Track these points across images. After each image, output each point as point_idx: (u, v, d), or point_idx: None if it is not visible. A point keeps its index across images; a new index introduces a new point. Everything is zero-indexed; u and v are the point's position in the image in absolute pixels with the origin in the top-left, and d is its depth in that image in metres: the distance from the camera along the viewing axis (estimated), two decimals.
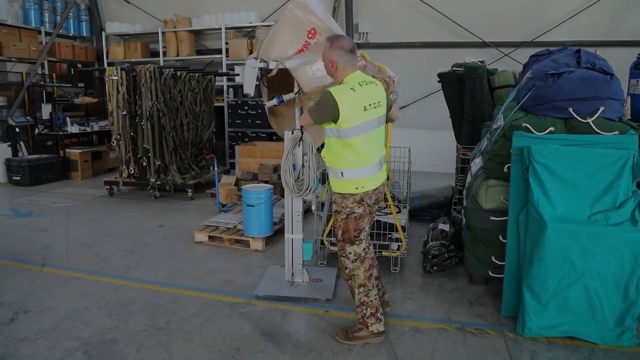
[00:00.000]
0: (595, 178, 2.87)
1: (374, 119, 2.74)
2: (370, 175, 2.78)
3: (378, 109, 2.76)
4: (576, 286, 2.83)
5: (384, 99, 2.84)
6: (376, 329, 2.89)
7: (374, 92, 2.76)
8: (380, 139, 2.84)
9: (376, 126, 2.77)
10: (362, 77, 2.76)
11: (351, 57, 2.73)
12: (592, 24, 7.97)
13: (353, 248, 2.86)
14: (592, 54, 3.42)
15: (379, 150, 2.84)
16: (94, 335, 3.02)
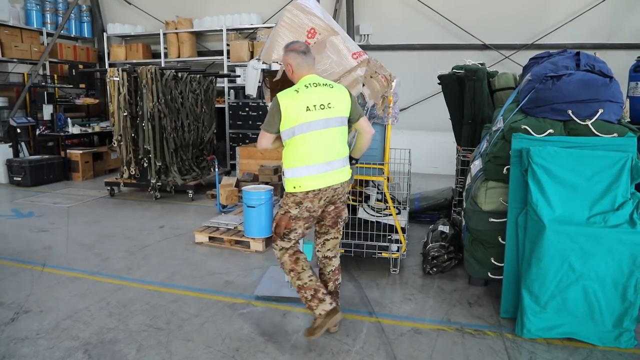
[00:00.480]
0: (594, 180, 2.88)
1: (320, 120, 2.76)
2: (310, 175, 2.77)
3: (327, 111, 2.77)
4: (575, 288, 2.84)
5: (340, 102, 2.82)
6: (322, 309, 2.84)
7: (324, 93, 2.79)
8: (333, 140, 2.82)
9: (322, 127, 2.77)
10: (313, 80, 2.83)
11: (304, 58, 2.83)
12: (593, 26, 7.99)
13: (281, 243, 2.93)
14: (592, 56, 3.43)
15: (331, 151, 2.81)
16: (94, 335, 3.03)
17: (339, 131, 2.86)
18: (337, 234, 3.08)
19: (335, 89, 2.86)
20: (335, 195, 2.91)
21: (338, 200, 2.95)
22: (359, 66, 3.34)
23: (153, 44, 10.31)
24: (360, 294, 3.64)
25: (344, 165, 2.90)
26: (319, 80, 2.84)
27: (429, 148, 8.50)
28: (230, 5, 9.58)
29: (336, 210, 2.99)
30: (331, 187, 2.84)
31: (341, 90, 2.88)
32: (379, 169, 4.06)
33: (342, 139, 2.89)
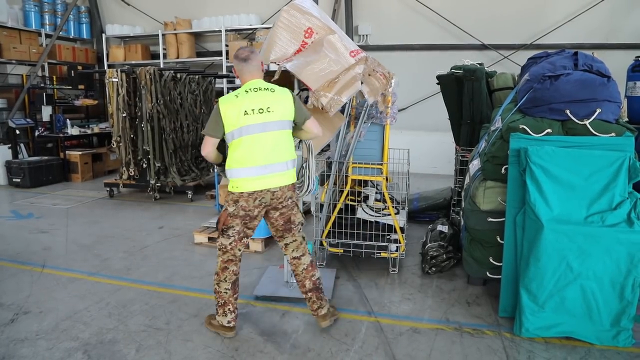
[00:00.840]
0: (592, 179, 2.89)
1: (258, 124, 2.81)
2: (247, 177, 2.83)
3: (265, 115, 2.82)
4: (573, 287, 2.85)
5: (280, 106, 2.86)
6: (220, 321, 3.02)
7: (263, 98, 2.84)
8: (273, 143, 2.85)
9: (260, 130, 2.81)
10: (255, 84, 2.88)
11: (244, 65, 2.89)
12: (591, 26, 8.01)
13: (222, 239, 2.99)
14: (590, 56, 3.44)
15: (270, 154, 2.85)
16: (93, 336, 3.04)
17: (280, 135, 2.88)
18: (295, 237, 3.08)
19: (276, 93, 2.88)
20: (275, 199, 2.91)
21: (280, 204, 2.94)
22: (357, 64, 3.34)
23: (152, 44, 10.32)
24: (359, 294, 3.65)
25: (285, 169, 2.90)
26: (260, 85, 2.88)
27: (428, 148, 8.50)
28: (229, 6, 9.59)
29: (282, 217, 2.99)
30: (268, 190, 2.87)
31: (283, 94, 2.90)
32: (378, 169, 4.07)
33: (284, 142, 2.90)
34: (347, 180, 4.10)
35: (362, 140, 4.13)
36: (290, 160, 2.93)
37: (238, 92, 2.86)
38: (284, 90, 2.93)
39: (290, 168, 2.93)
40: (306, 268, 3.10)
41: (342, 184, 4.26)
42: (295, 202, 3.02)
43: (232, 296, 3.03)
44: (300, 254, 3.10)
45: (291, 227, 3.04)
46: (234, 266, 3.02)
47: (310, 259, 3.13)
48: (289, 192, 2.96)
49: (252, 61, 2.90)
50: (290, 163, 2.93)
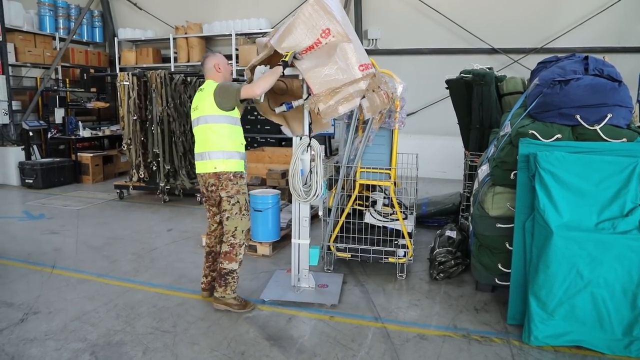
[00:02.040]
0: (603, 186, 2.85)
1: (195, 118, 3.35)
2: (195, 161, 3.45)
3: (196, 112, 3.34)
4: (583, 294, 2.81)
5: (203, 103, 3.27)
6: None
7: (197, 96, 3.36)
8: (202, 136, 3.32)
9: (195, 124, 3.36)
10: (203, 85, 3.37)
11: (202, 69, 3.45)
12: (602, 30, 7.93)
13: None
14: (600, 60, 3.40)
15: (200, 145, 3.35)
16: (101, 337, 3.06)
17: (206, 128, 3.28)
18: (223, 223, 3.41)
19: (203, 92, 3.31)
20: (204, 182, 3.40)
21: (208, 188, 3.40)
22: (363, 79, 3.32)
23: (163, 48, 10.43)
24: (366, 299, 3.63)
25: (206, 159, 3.30)
26: (203, 86, 3.35)
27: (437, 152, 8.47)
28: (239, 10, 9.66)
29: (213, 199, 3.45)
30: (200, 175, 3.41)
31: (206, 91, 3.28)
32: (386, 174, 4.05)
33: (210, 135, 3.26)
34: (355, 184, 4.09)
35: (370, 145, 4.12)
36: (212, 152, 3.27)
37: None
38: (208, 87, 3.29)
39: (209, 158, 3.28)
40: (219, 253, 3.49)
41: (350, 188, 4.26)
42: (219, 191, 3.33)
43: (205, 263, 3.61)
44: (223, 240, 3.43)
45: (220, 211, 3.45)
46: (207, 239, 3.64)
47: (225, 250, 3.38)
48: (210, 179, 3.33)
49: (205, 65, 3.40)
50: (211, 154, 3.27)
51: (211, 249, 3.60)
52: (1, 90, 7.90)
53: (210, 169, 3.29)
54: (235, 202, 3.33)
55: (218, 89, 3.22)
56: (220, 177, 3.29)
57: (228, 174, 3.29)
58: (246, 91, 3.21)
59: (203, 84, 3.37)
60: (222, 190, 3.32)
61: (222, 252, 3.40)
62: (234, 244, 3.36)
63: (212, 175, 3.31)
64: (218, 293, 3.40)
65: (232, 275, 3.37)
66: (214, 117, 3.24)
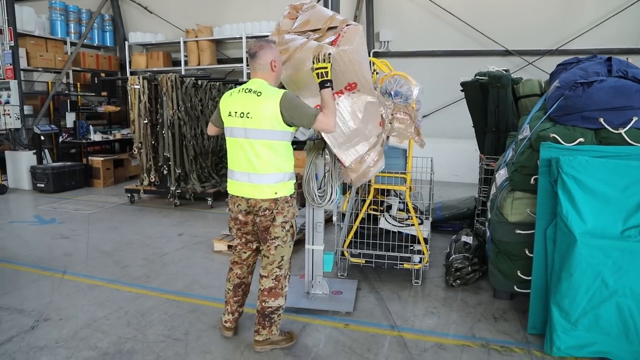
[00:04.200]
0: (629, 192, 2.74)
1: (239, 128, 2.69)
2: (230, 179, 2.84)
3: (245, 120, 2.65)
4: (608, 304, 2.70)
5: (262, 113, 2.61)
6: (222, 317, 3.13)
7: (247, 102, 2.65)
8: (254, 152, 2.67)
9: (242, 136, 2.68)
10: (249, 85, 2.72)
11: (250, 60, 2.74)
12: (620, 31, 7.78)
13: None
14: (624, 62, 3.30)
15: (248, 163, 2.70)
16: (112, 345, 3.01)
17: (263, 145, 2.65)
18: (267, 252, 2.85)
19: (261, 97, 2.62)
20: (251, 206, 2.79)
21: (257, 212, 2.78)
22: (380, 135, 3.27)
23: (173, 52, 10.44)
24: (381, 306, 3.55)
25: (260, 182, 2.69)
26: (252, 86, 2.68)
27: (450, 156, 8.36)
28: (250, 13, 9.65)
29: (261, 223, 2.80)
30: (242, 198, 2.79)
31: (269, 99, 2.60)
32: (401, 178, 3.97)
33: (268, 153, 2.66)
34: (370, 189, 4.01)
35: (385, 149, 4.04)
36: (269, 175, 2.69)
37: (234, 90, 2.77)
38: (272, 95, 2.61)
39: (266, 182, 2.69)
40: (261, 290, 2.89)
41: (364, 193, 4.18)
42: (275, 215, 2.77)
43: (232, 298, 3.05)
44: (264, 274, 2.88)
45: (267, 238, 2.82)
46: (238, 269, 3.04)
47: (270, 285, 2.85)
48: (264, 203, 2.73)
49: (259, 58, 2.68)
50: (269, 177, 2.69)
51: (242, 281, 3.04)
52: (13, 94, 7.94)
53: (269, 195, 2.70)
54: (289, 228, 2.84)
55: (287, 102, 2.60)
56: (277, 201, 2.74)
57: (286, 197, 2.78)
58: (323, 125, 2.65)
59: (249, 84, 2.71)
60: (278, 215, 2.76)
61: (265, 288, 2.85)
62: (279, 276, 2.87)
63: (267, 200, 2.73)
64: (261, 336, 2.87)
65: (279, 313, 2.89)
66: (275, 133, 2.65)
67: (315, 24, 3.19)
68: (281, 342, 2.94)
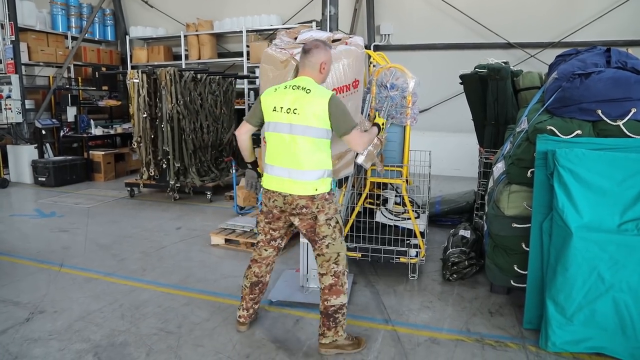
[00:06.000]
0: (626, 184, 2.70)
1: (284, 123, 2.68)
2: (268, 174, 2.81)
3: (291, 116, 2.64)
4: (604, 299, 2.67)
5: (309, 110, 2.61)
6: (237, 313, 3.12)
7: (295, 97, 2.65)
8: (297, 147, 2.66)
9: (287, 131, 2.67)
10: (296, 82, 2.72)
11: (302, 57, 2.76)
12: (624, 22, 7.67)
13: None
14: (624, 52, 3.25)
15: (291, 158, 2.69)
16: (105, 338, 3.01)
17: (307, 141, 2.65)
18: (320, 252, 2.81)
19: (310, 95, 2.62)
20: (287, 204, 2.74)
21: (294, 211, 2.74)
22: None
23: (174, 46, 10.42)
24: (376, 301, 3.53)
25: (301, 178, 2.67)
26: (300, 83, 2.68)
27: (451, 149, 8.31)
28: (250, 7, 9.59)
29: (303, 225, 2.78)
30: (279, 194, 2.74)
31: (318, 97, 2.61)
32: (398, 171, 3.94)
33: (310, 150, 2.66)
34: (366, 182, 3.98)
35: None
36: (311, 171, 2.67)
37: (279, 85, 2.78)
38: (322, 94, 2.63)
39: (307, 179, 2.66)
40: (322, 289, 2.81)
41: (360, 186, 4.15)
42: (316, 214, 2.73)
43: (249, 295, 3.04)
44: (323, 272, 2.80)
45: (315, 239, 2.79)
46: (256, 268, 3.01)
47: (330, 282, 2.77)
48: (301, 200, 2.69)
49: (311, 56, 2.70)
50: (311, 174, 2.67)
51: (259, 279, 3.02)
52: (14, 89, 7.95)
53: (309, 191, 2.67)
54: (335, 224, 2.78)
55: (334, 106, 2.61)
56: (314, 198, 2.70)
57: (324, 194, 2.73)
58: (354, 139, 2.68)
59: (296, 81, 2.71)
60: (320, 213, 2.72)
61: (325, 286, 2.77)
62: (338, 272, 2.77)
63: (304, 197, 2.69)
64: (327, 338, 2.76)
65: (343, 312, 2.77)
66: (320, 131, 2.65)
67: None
68: (347, 347, 2.79)
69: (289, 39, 3.43)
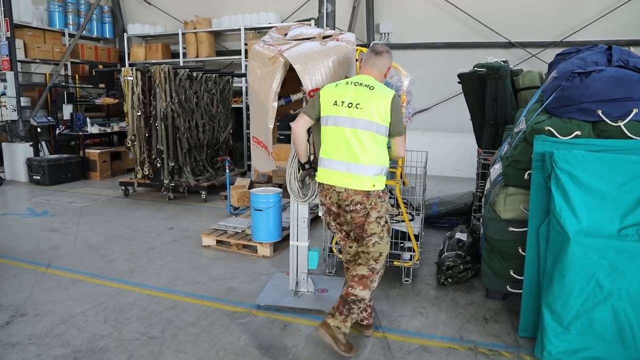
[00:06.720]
0: (627, 188, 2.58)
1: (345, 117, 2.71)
2: (324, 168, 2.81)
3: (353, 110, 2.69)
4: (603, 307, 2.55)
5: (373, 107, 2.67)
6: None
7: (358, 93, 2.71)
8: (356, 142, 2.69)
9: (346, 125, 2.71)
10: (359, 79, 2.79)
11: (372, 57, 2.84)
12: (627, 22, 7.53)
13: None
14: (626, 51, 3.13)
15: (346, 153, 2.72)
16: (85, 343, 2.91)
17: (368, 136, 2.69)
18: (366, 249, 2.84)
19: (374, 92, 2.71)
20: (341, 200, 2.77)
21: (347, 207, 2.77)
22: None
23: (172, 44, 10.33)
24: None
25: (359, 173, 2.70)
26: (362, 81, 2.76)
27: (451, 150, 8.19)
28: (249, 5, 9.49)
29: (354, 221, 2.80)
30: (334, 189, 2.77)
31: (382, 95, 2.70)
32: (391, 172, 3.82)
33: (371, 144, 2.70)
34: None
35: None
36: (371, 166, 2.70)
37: (341, 81, 2.83)
38: (385, 92, 2.72)
39: (366, 174, 2.69)
40: (352, 275, 2.83)
41: None
42: (369, 210, 2.75)
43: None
44: (362, 262, 2.85)
45: (363, 236, 2.82)
46: (350, 266, 2.98)
47: (362, 273, 2.79)
48: (357, 196, 2.71)
49: (382, 59, 2.83)
50: (370, 169, 2.70)
51: None
52: (9, 86, 7.87)
53: (366, 186, 2.70)
54: (384, 223, 2.83)
55: (396, 105, 2.71)
56: (370, 195, 2.73)
57: (378, 192, 2.76)
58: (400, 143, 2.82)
59: (358, 78, 2.78)
60: (372, 210, 2.76)
61: (357, 274, 2.80)
62: (374, 269, 2.82)
63: (360, 192, 2.71)
64: (334, 321, 2.71)
65: (359, 305, 2.76)
66: (381, 127, 2.70)
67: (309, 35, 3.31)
68: (341, 346, 2.70)
69: (279, 35, 3.33)
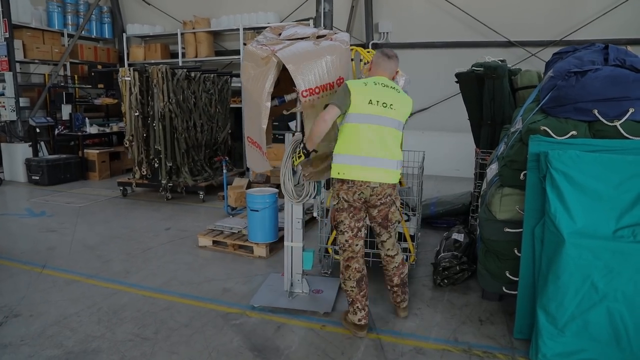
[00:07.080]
0: (623, 188, 2.55)
1: (379, 115, 2.84)
2: (354, 164, 2.84)
3: (387, 110, 2.86)
4: (598, 309, 2.53)
5: (401, 107, 2.93)
6: (351, 319, 3.01)
7: (389, 94, 2.89)
8: (387, 138, 2.87)
9: (380, 123, 2.85)
10: (382, 80, 2.95)
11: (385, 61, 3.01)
12: (627, 21, 7.49)
13: (339, 236, 3.04)
14: (622, 50, 3.10)
15: (382, 148, 2.86)
16: (78, 344, 2.89)
17: (393, 133, 2.91)
18: (389, 235, 3.10)
19: (400, 94, 2.96)
20: (374, 195, 2.90)
21: (378, 201, 2.94)
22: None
23: (171, 44, 10.31)
24: None
25: (393, 167, 2.90)
26: (387, 82, 2.95)
27: (450, 150, 8.17)
28: (248, 5, 9.46)
29: (380, 214, 3.00)
30: (368, 185, 2.86)
31: (406, 97, 2.99)
32: None
33: (396, 141, 2.94)
34: None
35: None
36: (397, 161, 2.92)
37: (367, 81, 2.92)
38: (407, 96, 3.02)
39: (396, 168, 2.92)
40: (397, 266, 3.15)
41: None
42: (393, 199, 3.00)
43: (359, 294, 3.01)
44: (395, 253, 3.14)
45: (388, 225, 3.05)
46: (355, 263, 3.02)
47: (402, 257, 3.18)
48: (389, 189, 2.94)
49: (391, 62, 3.02)
50: (397, 163, 2.92)
51: (362, 274, 3.05)
52: (8, 86, 7.88)
53: (395, 179, 2.95)
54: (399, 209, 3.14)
55: (411, 107, 3.04)
56: (395, 187, 3.02)
57: (396, 184, 3.03)
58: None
59: (382, 79, 2.95)
60: (396, 200, 3.05)
61: (400, 262, 3.17)
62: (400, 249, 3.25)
63: (392, 185, 2.96)
64: (406, 302, 3.25)
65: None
66: (402, 126, 3.00)
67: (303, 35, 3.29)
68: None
69: (273, 35, 3.31)
